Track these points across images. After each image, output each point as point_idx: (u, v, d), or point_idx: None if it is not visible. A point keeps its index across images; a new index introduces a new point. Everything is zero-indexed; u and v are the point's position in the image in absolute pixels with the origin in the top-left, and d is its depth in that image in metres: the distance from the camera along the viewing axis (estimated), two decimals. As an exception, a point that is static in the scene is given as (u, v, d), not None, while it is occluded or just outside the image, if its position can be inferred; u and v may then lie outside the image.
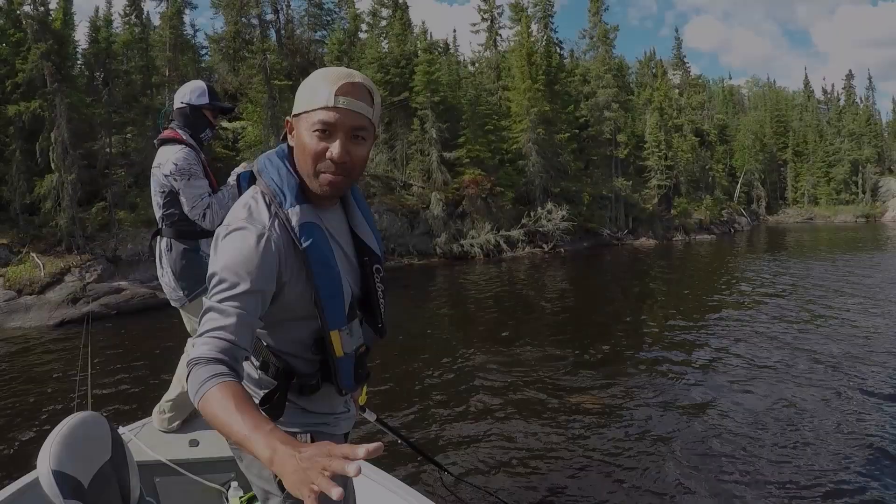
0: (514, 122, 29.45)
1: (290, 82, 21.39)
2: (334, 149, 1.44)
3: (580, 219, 28.79)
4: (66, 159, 17.09)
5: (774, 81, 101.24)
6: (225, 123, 22.42)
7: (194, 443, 3.22)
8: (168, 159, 3.08)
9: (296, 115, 1.49)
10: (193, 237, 3.22)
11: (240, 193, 1.58)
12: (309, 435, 1.60)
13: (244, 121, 23.06)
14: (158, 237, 3.27)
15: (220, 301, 1.34)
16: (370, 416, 2.49)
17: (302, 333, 1.56)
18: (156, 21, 23.39)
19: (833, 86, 68.80)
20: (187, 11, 23.16)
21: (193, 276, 3.17)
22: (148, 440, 3.23)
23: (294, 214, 1.46)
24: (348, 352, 1.59)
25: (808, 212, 55.33)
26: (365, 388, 1.80)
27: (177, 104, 3.28)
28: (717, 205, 41.09)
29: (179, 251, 3.19)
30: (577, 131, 31.94)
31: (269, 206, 1.46)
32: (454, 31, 66.24)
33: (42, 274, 15.63)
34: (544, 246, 26.97)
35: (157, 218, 3.25)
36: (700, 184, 41.35)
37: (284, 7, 29.92)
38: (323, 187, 1.49)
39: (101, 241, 17.35)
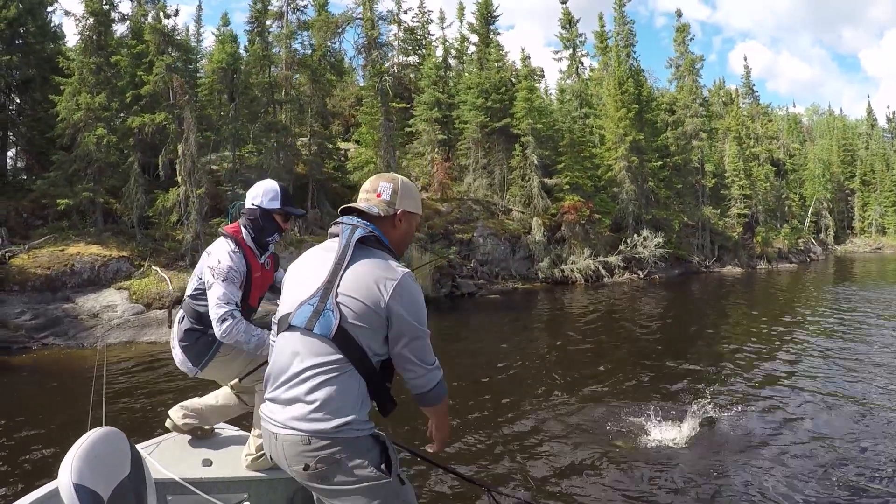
0: (608, 149, 27.79)
1: (407, 104, 20.40)
2: None
3: (671, 246, 27.04)
4: (193, 173, 16.18)
5: (841, 110, 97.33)
6: (339, 144, 21.64)
7: (207, 462, 3.04)
8: (217, 253, 2.89)
9: (412, 213, 2.19)
10: (206, 323, 2.90)
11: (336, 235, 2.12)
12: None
13: (353, 142, 22.08)
14: (180, 305, 3.10)
15: (427, 334, 2.02)
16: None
17: None
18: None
19: (895, 113, 65.32)
20: (301, 32, 22.27)
21: (196, 352, 2.96)
22: (162, 458, 3.04)
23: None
24: None
25: (875, 241, 52.09)
26: None
27: (248, 203, 3.01)
28: (794, 234, 38.84)
29: (186, 328, 2.97)
30: (666, 159, 30.24)
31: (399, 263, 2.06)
32: (528, 56, 64.00)
33: (171, 288, 14.69)
34: (640, 273, 25.22)
35: (188, 291, 3.01)
36: (776, 212, 39.25)
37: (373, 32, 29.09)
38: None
39: (226, 257, 16.37)
